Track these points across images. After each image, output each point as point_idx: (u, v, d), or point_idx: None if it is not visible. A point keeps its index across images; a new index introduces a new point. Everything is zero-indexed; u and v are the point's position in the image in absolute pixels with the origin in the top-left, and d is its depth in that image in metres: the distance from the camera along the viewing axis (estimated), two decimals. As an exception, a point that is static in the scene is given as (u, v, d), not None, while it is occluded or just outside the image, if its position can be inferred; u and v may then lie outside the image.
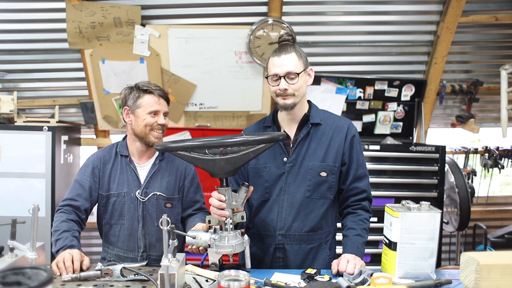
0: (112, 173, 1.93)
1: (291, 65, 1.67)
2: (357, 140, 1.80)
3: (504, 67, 3.40)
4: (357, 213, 1.78)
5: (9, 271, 0.78)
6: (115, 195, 1.90)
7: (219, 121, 3.65)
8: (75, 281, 1.48)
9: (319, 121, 1.78)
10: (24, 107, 3.60)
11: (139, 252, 1.91)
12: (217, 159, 1.45)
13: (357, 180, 1.78)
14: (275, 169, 1.75)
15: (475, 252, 1.46)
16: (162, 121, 1.89)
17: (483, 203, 4.12)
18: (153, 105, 1.88)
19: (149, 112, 1.87)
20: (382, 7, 3.43)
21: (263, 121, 1.87)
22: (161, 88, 1.95)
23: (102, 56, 3.35)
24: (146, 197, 1.89)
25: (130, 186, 1.90)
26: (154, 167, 1.95)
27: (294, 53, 1.69)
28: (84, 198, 1.88)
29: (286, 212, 1.75)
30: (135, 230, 1.90)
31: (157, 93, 1.90)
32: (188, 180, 2.00)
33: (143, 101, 1.88)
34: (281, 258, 1.77)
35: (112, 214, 1.91)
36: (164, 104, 1.93)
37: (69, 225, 1.77)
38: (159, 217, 1.86)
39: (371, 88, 3.61)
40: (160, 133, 1.91)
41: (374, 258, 3.20)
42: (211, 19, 3.38)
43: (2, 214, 2.78)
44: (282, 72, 1.67)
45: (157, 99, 1.89)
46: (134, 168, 1.93)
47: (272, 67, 1.70)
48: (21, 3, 3.21)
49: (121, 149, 1.97)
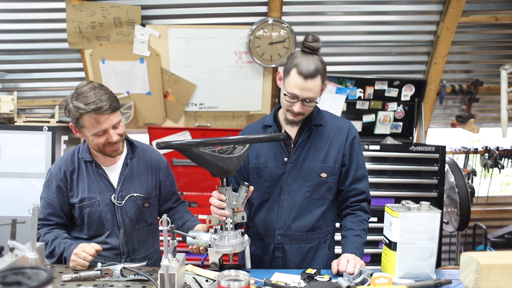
0: (79, 182, 1.75)
1: (313, 91, 1.61)
2: (358, 142, 1.80)
3: (504, 67, 3.40)
4: (356, 214, 1.78)
5: (9, 271, 0.78)
6: (88, 205, 1.74)
7: (219, 121, 3.65)
8: (75, 281, 1.47)
9: (320, 122, 1.77)
10: (24, 107, 3.60)
11: (122, 258, 1.80)
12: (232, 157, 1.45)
13: (357, 181, 1.78)
14: (275, 169, 1.75)
15: (475, 252, 1.46)
16: (113, 138, 1.64)
17: (483, 203, 4.12)
18: (95, 126, 1.61)
19: (93, 134, 1.63)
20: (382, 7, 3.43)
21: (264, 120, 1.86)
22: (99, 97, 1.58)
23: (102, 56, 3.35)
24: (122, 200, 1.76)
25: (103, 192, 1.75)
26: (125, 167, 1.79)
27: (319, 77, 1.60)
28: (57, 216, 1.75)
29: (286, 212, 1.75)
30: (117, 237, 1.78)
31: (94, 113, 1.57)
32: (163, 174, 1.89)
33: (83, 122, 1.62)
34: (280, 257, 1.77)
35: (90, 226, 1.76)
36: (108, 118, 1.61)
37: (54, 233, 1.72)
38: (139, 219, 1.82)
39: (371, 88, 3.61)
40: (117, 146, 1.69)
41: (374, 258, 3.20)
42: (211, 19, 3.38)
43: (2, 214, 2.77)
44: (302, 96, 1.61)
45: (97, 118, 1.59)
46: (103, 173, 1.76)
47: (294, 85, 1.60)
48: (21, 3, 3.21)
49: (83, 154, 1.76)
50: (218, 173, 1.49)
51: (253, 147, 1.77)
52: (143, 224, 1.85)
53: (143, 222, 1.85)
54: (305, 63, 1.59)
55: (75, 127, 1.69)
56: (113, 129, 1.65)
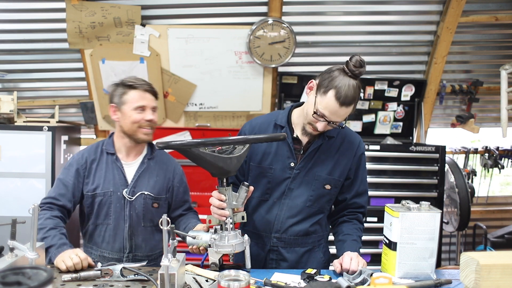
0: (97, 172, 1.86)
1: (343, 118, 1.60)
2: (364, 158, 1.82)
3: (504, 67, 3.40)
4: (352, 222, 1.81)
5: (9, 271, 0.78)
6: (100, 194, 1.84)
7: (219, 121, 3.65)
8: (75, 281, 1.47)
9: (333, 134, 1.74)
10: (24, 107, 3.60)
11: (124, 252, 1.86)
12: (232, 157, 1.45)
13: (358, 196, 1.81)
14: (280, 172, 1.73)
15: (475, 252, 1.46)
16: (149, 116, 1.83)
17: (483, 203, 4.12)
18: (138, 100, 1.82)
19: (134, 108, 1.81)
20: (382, 7, 3.43)
21: (275, 118, 1.78)
22: (147, 82, 1.88)
23: (102, 56, 3.35)
24: (133, 196, 1.84)
25: (117, 185, 1.84)
26: (142, 165, 1.90)
27: (353, 105, 1.58)
28: (67, 198, 1.81)
29: (284, 216, 1.75)
30: (121, 230, 1.85)
31: (142, 88, 1.83)
32: (177, 180, 1.96)
33: (128, 97, 1.82)
34: (274, 260, 1.78)
35: (98, 214, 1.85)
36: (151, 98, 1.87)
37: (55, 222, 1.72)
38: (146, 217, 1.88)
39: (371, 88, 3.60)
40: (149, 129, 1.85)
41: (374, 258, 3.20)
42: (211, 19, 3.38)
43: (2, 214, 2.77)
44: (331, 119, 1.58)
45: (142, 94, 1.83)
46: (120, 166, 1.87)
47: (327, 107, 1.55)
48: (21, 3, 3.21)
49: (107, 146, 1.90)
50: (218, 173, 1.49)
51: (259, 144, 1.76)
52: (149, 223, 1.89)
53: (149, 221, 1.89)
54: (346, 89, 1.52)
55: (117, 105, 1.85)
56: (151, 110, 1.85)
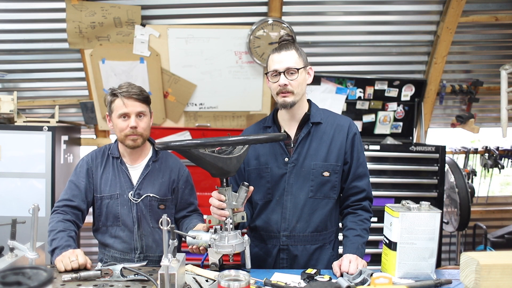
0: (104, 175, 1.91)
1: (291, 61, 1.67)
2: (358, 139, 1.80)
3: (504, 67, 3.40)
4: (357, 213, 1.78)
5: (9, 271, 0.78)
6: (107, 197, 1.89)
7: (219, 121, 3.65)
8: (75, 281, 1.48)
9: (319, 120, 1.77)
10: (24, 107, 3.60)
11: (136, 253, 1.90)
12: (232, 158, 1.45)
13: (357, 179, 1.78)
14: (276, 169, 1.75)
15: (475, 252, 1.46)
16: (132, 123, 1.80)
17: (483, 203, 4.12)
18: (121, 107, 1.80)
19: (118, 116, 1.82)
20: (382, 7, 3.43)
21: (263, 121, 1.87)
22: (134, 87, 1.83)
23: (102, 56, 3.35)
24: (139, 198, 1.88)
25: (123, 187, 1.89)
26: (147, 168, 1.93)
27: (294, 50, 1.70)
28: (81, 199, 1.87)
29: (290, 213, 1.75)
30: (131, 231, 1.90)
31: (124, 95, 1.80)
32: (183, 182, 1.98)
33: (114, 106, 1.83)
34: (285, 259, 1.77)
35: (107, 217, 1.90)
36: (135, 104, 1.81)
37: (65, 225, 1.77)
38: (153, 219, 1.90)
39: (371, 88, 3.61)
40: (134, 138, 1.83)
41: (374, 258, 3.20)
42: (211, 19, 3.38)
43: (2, 214, 2.78)
44: (282, 67, 1.67)
45: (125, 101, 1.79)
46: (126, 170, 1.91)
47: (272, 63, 1.70)
48: (21, 3, 3.21)
49: (113, 150, 1.94)
50: (218, 174, 1.49)
51: (253, 148, 1.77)
52: (157, 224, 1.90)
53: (157, 222, 1.90)
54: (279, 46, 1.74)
55: (108, 114, 1.88)
56: (137, 117, 1.82)
